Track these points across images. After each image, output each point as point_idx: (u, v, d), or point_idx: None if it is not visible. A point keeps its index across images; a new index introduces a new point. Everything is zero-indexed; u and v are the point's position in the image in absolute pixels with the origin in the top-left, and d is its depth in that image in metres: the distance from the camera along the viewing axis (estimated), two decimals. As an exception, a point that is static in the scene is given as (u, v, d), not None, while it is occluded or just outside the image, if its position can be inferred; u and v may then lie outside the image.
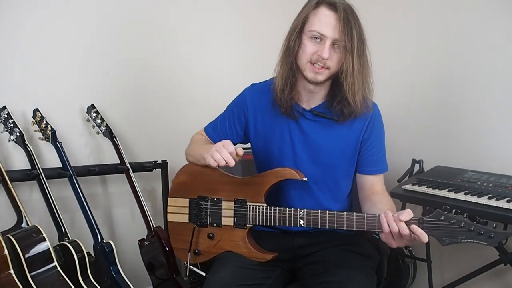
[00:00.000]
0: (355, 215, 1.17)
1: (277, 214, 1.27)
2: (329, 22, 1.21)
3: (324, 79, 1.26)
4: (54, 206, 1.75)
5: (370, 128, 1.34)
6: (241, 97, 1.46)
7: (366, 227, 1.16)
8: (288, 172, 1.29)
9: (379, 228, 1.13)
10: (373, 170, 1.37)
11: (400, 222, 1.09)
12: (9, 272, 1.43)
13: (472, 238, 1.05)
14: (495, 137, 1.78)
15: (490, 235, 1.03)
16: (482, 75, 1.81)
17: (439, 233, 1.08)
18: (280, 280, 1.36)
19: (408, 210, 1.11)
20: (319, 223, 1.22)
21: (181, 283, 1.84)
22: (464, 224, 1.05)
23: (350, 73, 1.23)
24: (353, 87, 1.24)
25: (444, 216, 1.07)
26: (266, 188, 1.30)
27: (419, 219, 1.10)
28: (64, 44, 1.93)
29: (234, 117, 1.45)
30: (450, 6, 1.91)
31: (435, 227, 1.08)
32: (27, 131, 1.83)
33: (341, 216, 1.19)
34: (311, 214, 1.23)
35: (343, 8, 1.21)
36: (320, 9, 1.23)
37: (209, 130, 1.52)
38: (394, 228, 1.09)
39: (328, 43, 1.22)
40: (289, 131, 1.36)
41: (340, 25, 1.20)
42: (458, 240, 1.06)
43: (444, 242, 1.08)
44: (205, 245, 1.37)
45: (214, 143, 1.48)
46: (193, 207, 1.39)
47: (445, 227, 1.07)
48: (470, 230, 1.05)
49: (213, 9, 2.33)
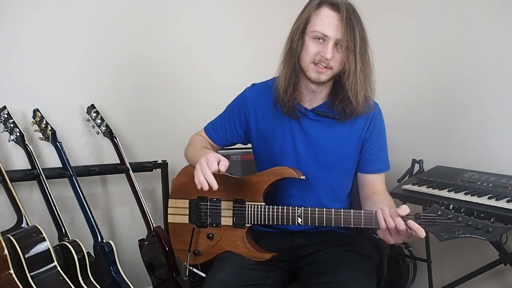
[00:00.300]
0: (353, 212, 1.17)
1: (275, 213, 1.27)
2: (331, 22, 1.21)
3: (327, 79, 1.26)
4: (54, 206, 1.75)
5: (372, 127, 1.34)
6: (242, 97, 1.46)
7: (363, 224, 1.16)
8: (286, 171, 1.29)
9: (376, 225, 1.13)
10: (374, 169, 1.37)
11: (396, 217, 1.09)
12: (9, 272, 1.43)
13: (470, 233, 1.04)
14: (495, 137, 1.78)
15: (488, 229, 1.02)
16: (482, 75, 1.81)
17: (437, 229, 1.07)
18: (280, 280, 1.36)
19: (405, 206, 1.10)
20: (317, 221, 1.21)
21: (181, 283, 1.84)
22: (462, 219, 1.04)
23: (352, 72, 1.23)
24: (356, 87, 1.24)
25: (441, 211, 1.07)
26: (264, 187, 1.30)
27: (416, 215, 1.09)
28: (64, 44, 1.93)
29: (234, 117, 1.45)
30: (450, 5, 1.91)
31: (432, 223, 1.08)
32: (27, 131, 1.83)
33: (339, 213, 1.19)
34: (308, 212, 1.22)
35: (345, 8, 1.21)
36: (322, 10, 1.23)
37: (209, 130, 1.52)
38: (391, 223, 1.09)
39: (331, 43, 1.22)
40: (290, 131, 1.36)
41: (343, 25, 1.20)
42: (456, 235, 1.05)
43: (442, 238, 1.07)
44: (205, 245, 1.37)
45: (214, 143, 1.50)
46: (193, 208, 1.39)
47: (443, 222, 1.06)
48: (467, 225, 1.04)
49: (213, 9, 2.33)
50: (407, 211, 1.09)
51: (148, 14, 2.15)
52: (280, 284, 1.36)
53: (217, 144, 1.52)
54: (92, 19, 1.99)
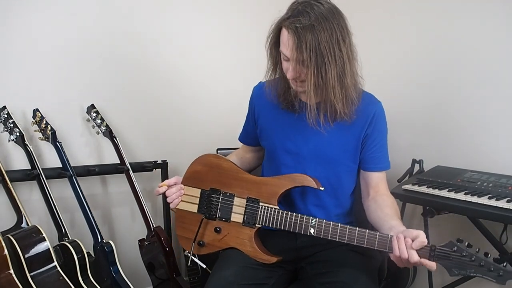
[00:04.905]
0: (367, 232, 1.17)
1: (288, 219, 1.27)
2: (286, 42, 1.20)
3: (304, 90, 1.25)
4: (54, 206, 1.75)
5: (374, 124, 1.34)
6: (250, 96, 1.51)
7: (376, 246, 1.16)
8: (306, 179, 1.29)
9: (389, 249, 1.13)
10: (377, 167, 1.37)
11: (411, 249, 1.09)
12: (9, 272, 1.43)
13: (481, 273, 1.05)
14: (495, 137, 1.78)
15: (500, 273, 1.03)
16: (483, 75, 1.81)
17: (449, 263, 1.07)
18: (283, 280, 1.36)
19: (421, 238, 1.09)
20: (330, 235, 1.21)
21: (181, 283, 1.84)
22: (476, 258, 1.05)
23: (321, 85, 1.20)
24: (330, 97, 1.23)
25: (456, 247, 1.07)
26: (281, 191, 1.31)
27: (431, 247, 1.09)
28: (64, 44, 1.93)
29: (249, 116, 1.52)
30: (450, 5, 1.91)
31: (446, 257, 1.08)
32: (27, 131, 1.83)
33: (353, 230, 1.18)
34: (322, 224, 1.22)
35: (297, 24, 1.17)
36: (282, 30, 1.23)
37: (241, 136, 1.60)
38: (404, 254, 1.09)
39: (292, 63, 1.21)
40: (290, 125, 1.37)
41: (291, 44, 1.18)
42: (467, 273, 1.06)
43: (453, 273, 1.07)
44: (211, 237, 1.37)
45: (250, 145, 1.58)
46: (204, 198, 1.39)
47: (456, 258, 1.07)
48: (480, 265, 1.04)
49: (213, 9, 2.32)
50: (423, 244, 1.09)
51: (148, 14, 2.14)
52: (283, 284, 1.36)
53: (252, 146, 1.58)
54: (92, 19, 1.99)
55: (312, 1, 1.20)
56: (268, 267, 1.32)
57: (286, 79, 1.29)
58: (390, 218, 1.24)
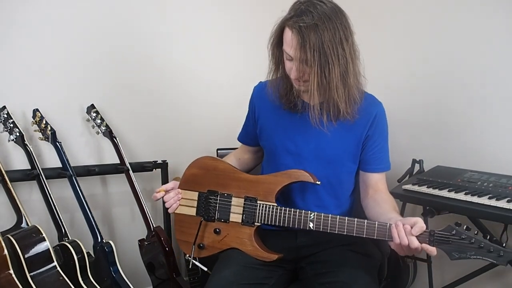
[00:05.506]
0: (366, 222, 1.17)
1: (286, 215, 1.27)
2: (289, 42, 1.20)
3: (307, 89, 1.24)
4: (54, 206, 1.75)
5: (375, 125, 1.34)
6: (251, 96, 1.51)
7: (376, 235, 1.16)
8: (302, 174, 1.30)
9: (389, 237, 1.14)
10: (378, 168, 1.38)
11: (411, 235, 1.09)
12: (9, 272, 1.43)
13: (481, 255, 1.05)
14: (495, 137, 1.78)
15: (500, 253, 1.03)
16: (482, 75, 1.81)
17: (449, 247, 1.08)
18: (283, 280, 1.36)
19: (420, 223, 1.10)
20: (329, 227, 1.22)
21: (181, 283, 1.84)
22: (475, 240, 1.05)
23: (324, 85, 1.20)
24: (333, 96, 1.23)
25: (455, 230, 1.07)
26: (278, 188, 1.31)
27: (430, 232, 1.09)
28: (64, 44, 1.93)
29: (249, 116, 1.51)
30: (449, 5, 1.91)
31: (445, 241, 1.08)
32: (27, 131, 1.83)
33: (352, 221, 1.19)
34: (321, 217, 1.23)
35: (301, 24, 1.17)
36: (285, 30, 1.22)
37: (240, 136, 1.59)
38: (404, 241, 1.10)
39: (296, 62, 1.21)
40: (291, 125, 1.37)
41: (294, 43, 1.18)
42: (467, 256, 1.06)
43: (453, 257, 1.08)
44: (210, 239, 1.37)
45: (249, 145, 1.58)
46: (201, 201, 1.39)
47: (456, 242, 1.07)
48: (480, 247, 1.05)
49: (213, 9, 2.33)
50: (422, 230, 1.09)
51: (148, 14, 2.14)
52: (283, 284, 1.36)
53: (251, 146, 1.58)
54: (92, 19, 1.99)
55: (315, 1, 1.20)
56: (268, 267, 1.32)
57: (289, 79, 1.29)
58: (388, 212, 1.25)
